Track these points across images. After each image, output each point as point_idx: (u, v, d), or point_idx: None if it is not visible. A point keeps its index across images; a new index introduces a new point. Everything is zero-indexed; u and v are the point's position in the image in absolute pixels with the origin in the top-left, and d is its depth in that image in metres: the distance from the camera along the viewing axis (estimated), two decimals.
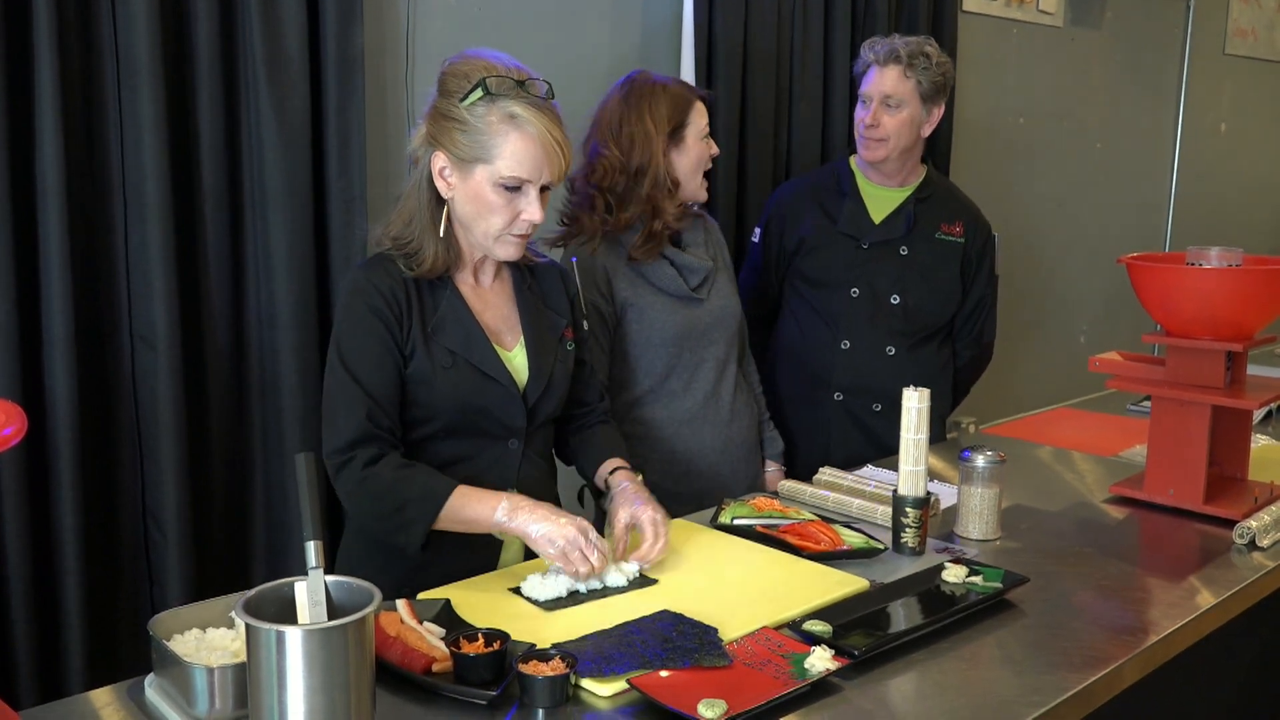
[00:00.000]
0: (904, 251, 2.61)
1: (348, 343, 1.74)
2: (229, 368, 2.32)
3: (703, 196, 2.35)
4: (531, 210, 1.72)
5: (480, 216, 1.73)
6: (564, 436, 2.03)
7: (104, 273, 2.15)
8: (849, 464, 2.42)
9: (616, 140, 2.24)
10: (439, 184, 1.75)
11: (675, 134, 2.26)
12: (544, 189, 1.73)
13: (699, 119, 2.29)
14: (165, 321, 2.16)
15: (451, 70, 1.73)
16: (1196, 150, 5.31)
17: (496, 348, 1.80)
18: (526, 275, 1.91)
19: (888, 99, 2.54)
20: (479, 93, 1.67)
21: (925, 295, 2.62)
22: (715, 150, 2.34)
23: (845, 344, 2.61)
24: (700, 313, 2.33)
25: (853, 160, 2.70)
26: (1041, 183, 4.53)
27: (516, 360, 1.84)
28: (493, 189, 1.70)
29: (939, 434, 2.70)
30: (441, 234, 1.76)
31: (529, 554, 1.82)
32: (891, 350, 2.60)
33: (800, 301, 2.67)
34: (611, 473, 1.91)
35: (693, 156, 2.28)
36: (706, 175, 2.35)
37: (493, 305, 1.85)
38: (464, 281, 1.83)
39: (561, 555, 1.63)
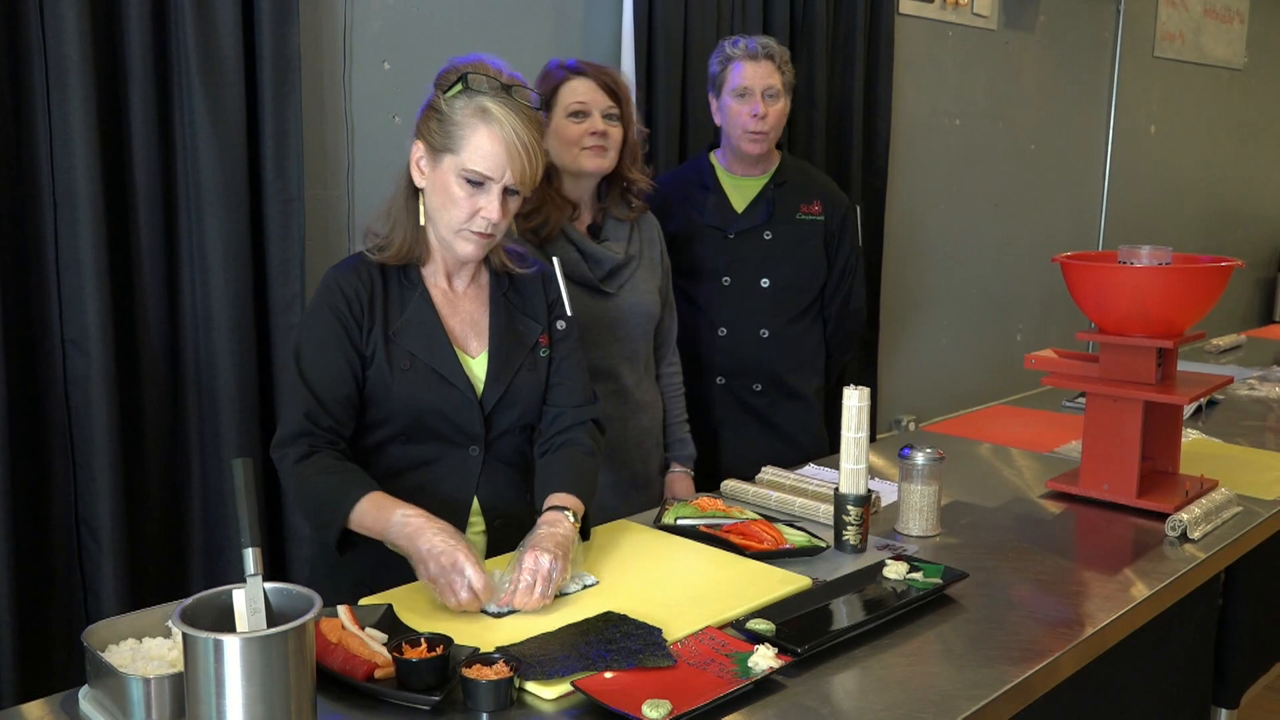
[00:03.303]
0: (767, 236, 2.70)
1: (304, 340, 1.78)
2: (164, 372, 2.28)
3: (585, 166, 2.26)
4: (490, 209, 1.71)
5: (444, 208, 1.74)
6: (537, 452, 1.93)
7: (34, 276, 2.10)
8: (738, 443, 2.68)
9: None
10: (414, 173, 1.77)
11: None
12: (510, 192, 1.73)
13: (567, 96, 2.24)
14: (97, 325, 2.11)
15: (451, 67, 1.76)
16: (1127, 151, 5.42)
17: (459, 352, 1.79)
18: (506, 283, 1.89)
19: (768, 90, 2.61)
20: (459, 86, 1.70)
21: (792, 275, 2.72)
22: (599, 127, 2.24)
23: (722, 331, 2.71)
24: (606, 306, 2.30)
25: (713, 155, 2.78)
26: (977, 183, 4.59)
27: (478, 367, 1.82)
28: (456, 180, 1.71)
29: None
30: (420, 222, 1.78)
31: (488, 554, 1.81)
32: (765, 333, 2.70)
33: (678, 293, 2.74)
34: (548, 510, 1.75)
35: (561, 136, 2.24)
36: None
37: (462, 310, 1.84)
38: (436, 285, 1.82)
39: (434, 583, 1.57)
